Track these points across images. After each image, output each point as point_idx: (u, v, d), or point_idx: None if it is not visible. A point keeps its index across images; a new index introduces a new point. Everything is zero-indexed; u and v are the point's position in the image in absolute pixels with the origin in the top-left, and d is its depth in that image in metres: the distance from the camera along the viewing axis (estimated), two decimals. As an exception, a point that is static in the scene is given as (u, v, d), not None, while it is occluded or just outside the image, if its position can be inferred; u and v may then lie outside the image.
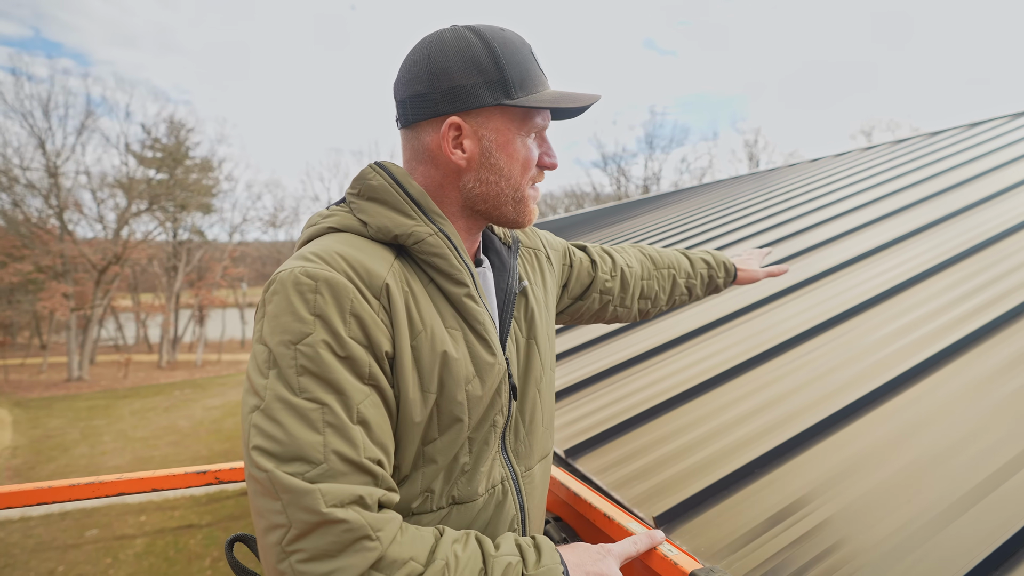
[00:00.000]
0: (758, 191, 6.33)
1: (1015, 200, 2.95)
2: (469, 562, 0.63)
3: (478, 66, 0.73)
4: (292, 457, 0.58)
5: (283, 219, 33.57)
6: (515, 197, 0.78)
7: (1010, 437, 1.16)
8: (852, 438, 1.30)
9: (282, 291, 0.65)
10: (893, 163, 5.16)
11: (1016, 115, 5.74)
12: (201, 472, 1.20)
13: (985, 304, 1.83)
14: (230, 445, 11.89)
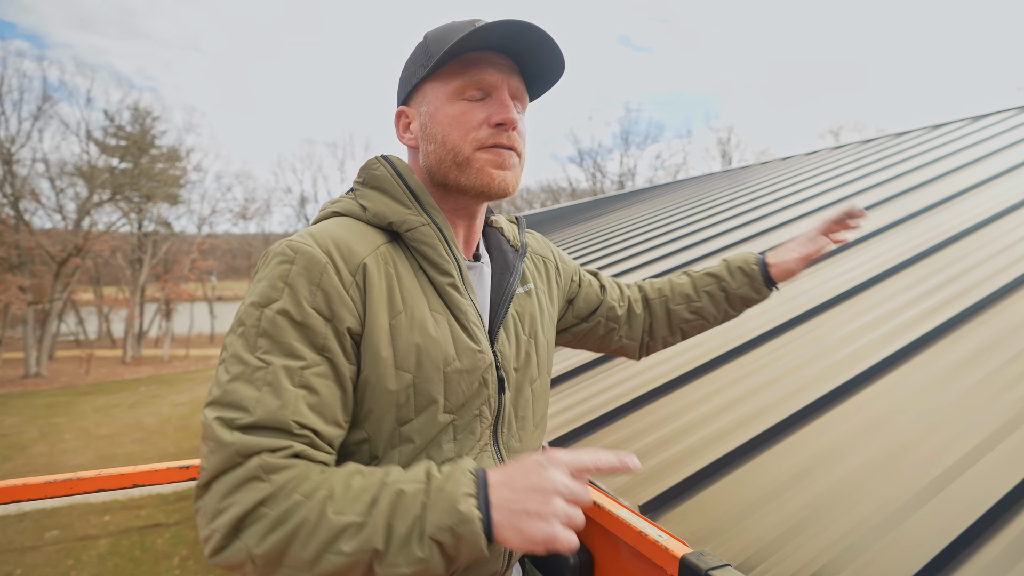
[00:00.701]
0: (731, 188, 6.43)
1: (973, 201, 3.05)
2: (363, 491, 0.61)
3: (414, 59, 0.83)
4: (228, 405, 0.64)
5: (254, 211, 32.85)
6: (455, 161, 0.79)
7: (968, 430, 1.20)
8: (822, 431, 1.33)
9: (267, 260, 0.72)
10: (860, 163, 5.29)
11: (976, 118, 5.94)
12: (184, 467, 1.16)
13: (944, 302, 1.88)
14: (199, 442, 11.61)
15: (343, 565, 0.59)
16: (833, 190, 4.36)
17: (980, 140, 4.67)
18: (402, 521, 0.59)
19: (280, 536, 0.59)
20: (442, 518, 0.58)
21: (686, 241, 4.15)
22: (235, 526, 0.59)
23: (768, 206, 4.49)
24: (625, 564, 0.92)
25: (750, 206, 4.76)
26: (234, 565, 0.60)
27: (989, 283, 1.95)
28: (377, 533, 0.58)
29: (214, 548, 0.60)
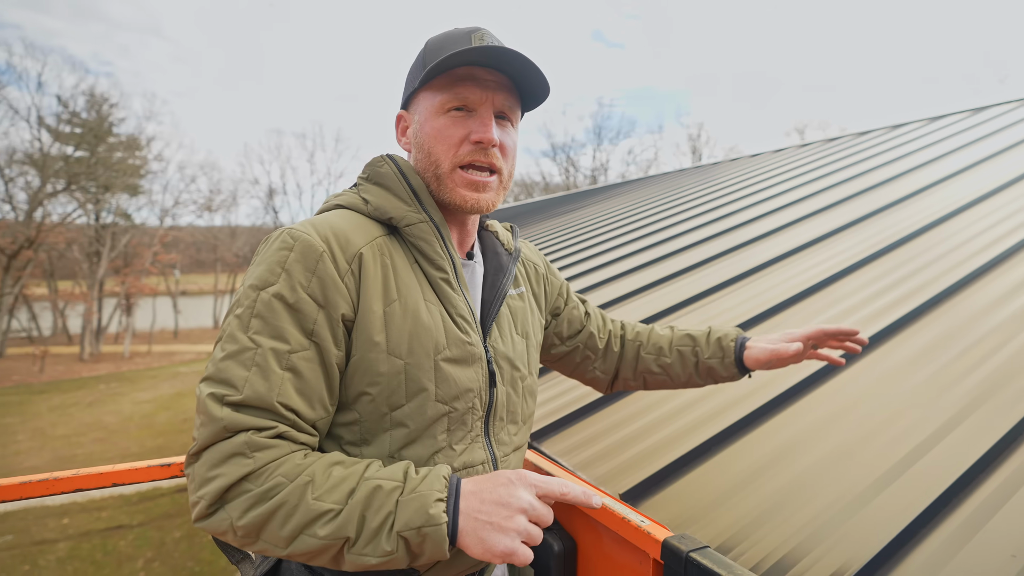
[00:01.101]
0: (703, 185, 6.55)
1: (928, 200, 3.19)
2: (342, 482, 0.65)
3: (414, 67, 0.86)
4: (220, 382, 0.67)
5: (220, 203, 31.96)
6: (436, 174, 0.83)
7: (924, 420, 1.27)
8: (789, 421, 1.39)
9: (268, 246, 0.75)
10: (825, 161, 5.46)
11: (932, 119, 6.19)
12: (165, 465, 1.15)
13: (901, 298, 1.98)
14: (164, 440, 11.32)
15: (315, 547, 0.63)
16: (800, 187, 4.49)
17: (936, 141, 4.88)
18: (375, 515, 0.63)
19: (260, 512, 0.63)
20: (412, 518, 0.62)
21: (659, 236, 4.22)
22: (220, 496, 0.64)
23: (738, 202, 4.60)
24: (607, 550, 0.95)
25: (721, 202, 4.86)
26: (218, 532, 0.65)
27: (943, 279, 2.05)
28: (351, 523, 0.63)
29: (200, 513, 0.65)
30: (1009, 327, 1.62)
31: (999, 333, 1.60)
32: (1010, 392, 1.31)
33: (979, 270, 2.06)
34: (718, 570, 0.71)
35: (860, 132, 6.86)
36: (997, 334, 1.60)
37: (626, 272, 3.41)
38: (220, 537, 0.67)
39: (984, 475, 1.08)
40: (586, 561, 1.00)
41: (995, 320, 1.69)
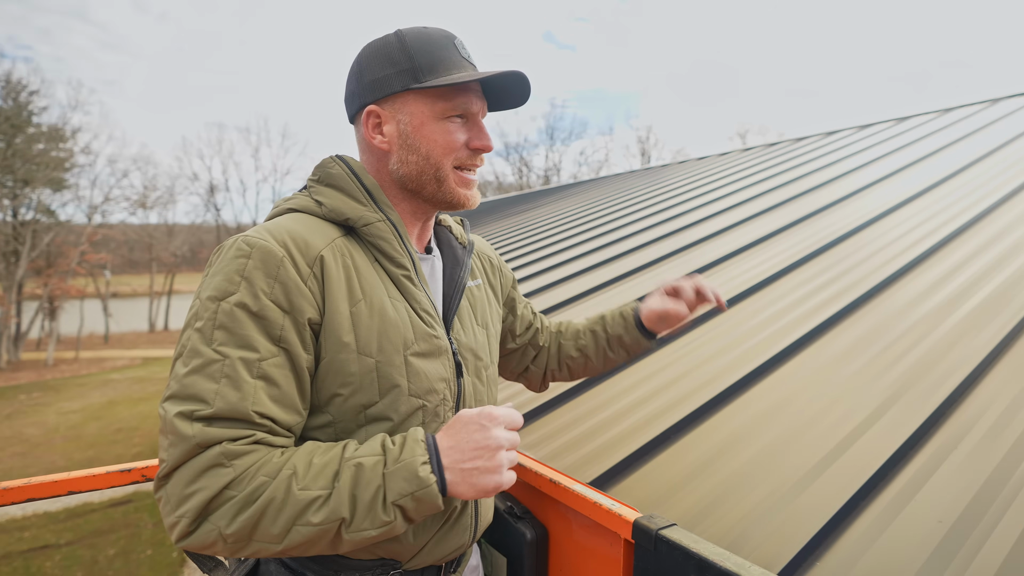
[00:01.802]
0: (651, 186, 6.77)
1: (856, 204, 3.44)
2: (324, 467, 0.66)
3: (390, 59, 0.82)
4: (188, 398, 0.66)
5: (155, 200, 30.28)
6: (436, 176, 0.84)
7: (855, 409, 1.39)
8: (736, 413, 1.49)
9: (223, 255, 0.73)
10: (766, 165, 5.76)
11: (862, 127, 6.64)
12: (125, 470, 1.11)
13: (833, 296, 2.13)
14: (94, 452, 10.65)
15: (311, 535, 0.64)
16: (743, 190, 4.73)
17: (865, 148, 5.24)
18: (365, 491, 0.65)
19: (250, 515, 0.63)
20: (403, 486, 0.66)
21: (610, 237, 4.34)
22: (202, 510, 0.63)
23: (686, 204, 4.80)
24: (578, 536, 1.00)
25: (670, 204, 5.05)
26: (204, 545, 0.64)
27: (871, 278, 2.22)
28: (343, 504, 0.64)
29: (182, 532, 0.63)
30: (928, 322, 1.79)
31: (920, 327, 1.77)
32: (929, 381, 1.46)
33: (902, 269, 2.25)
34: (686, 543, 0.77)
35: (797, 138, 7.27)
36: (918, 328, 1.76)
37: (579, 272, 3.49)
38: (206, 550, 0.65)
39: (910, 455, 1.21)
40: (557, 547, 1.05)
41: (916, 315, 1.85)
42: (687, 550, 0.76)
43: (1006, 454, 1.15)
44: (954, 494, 1.06)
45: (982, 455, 1.16)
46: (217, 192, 35.95)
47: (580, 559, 1.00)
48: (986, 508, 1.01)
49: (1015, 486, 1.05)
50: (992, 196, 2.89)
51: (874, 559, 0.95)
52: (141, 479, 1.10)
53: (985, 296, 1.87)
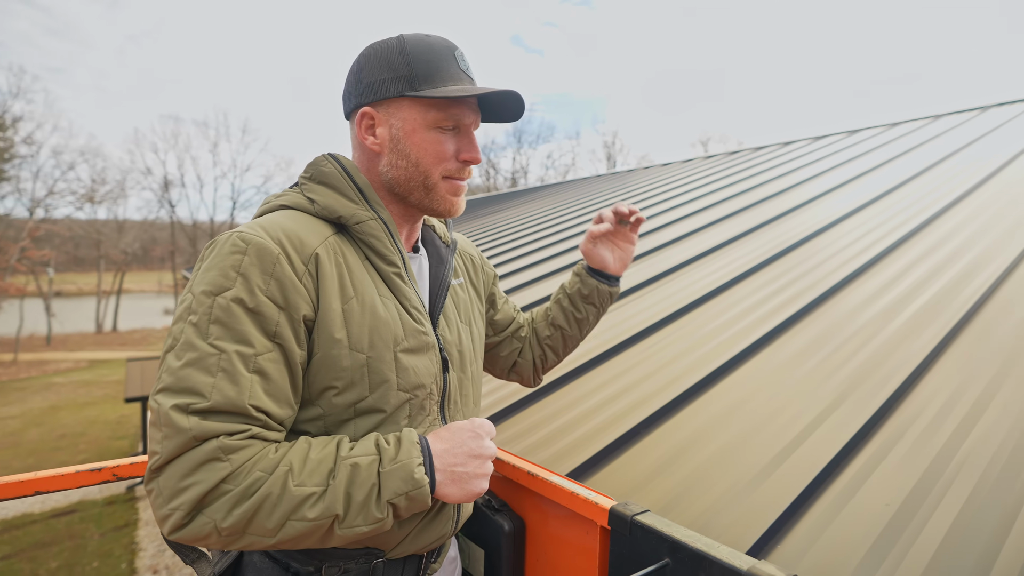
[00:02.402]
0: (617, 190, 6.91)
1: (810, 213, 3.62)
2: (320, 464, 0.68)
3: (389, 64, 0.84)
4: (183, 391, 0.66)
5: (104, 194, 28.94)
6: (424, 184, 0.86)
7: (807, 407, 1.48)
8: (698, 412, 1.56)
9: (217, 250, 0.73)
10: (727, 172, 5.97)
11: (817, 138, 6.95)
12: (95, 469, 1.08)
13: (788, 300, 2.25)
14: (35, 460, 10.11)
15: (304, 530, 0.66)
16: (705, 196, 4.89)
17: (820, 158, 5.50)
18: (360, 489, 0.68)
19: (245, 509, 0.64)
20: (399, 486, 0.69)
21: (577, 240, 4.42)
22: (197, 504, 0.64)
23: (651, 209, 4.93)
24: (554, 526, 1.05)
25: (637, 207, 5.15)
26: (196, 538, 0.65)
27: (822, 284, 2.35)
28: (338, 501, 0.66)
29: (175, 524, 0.64)
30: (874, 325, 1.91)
31: (866, 330, 1.88)
32: (875, 380, 1.56)
33: (850, 276, 2.39)
34: (659, 528, 0.82)
35: (757, 147, 7.55)
36: (864, 331, 1.88)
37: (545, 276, 3.53)
38: (198, 543, 0.66)
39: (859, 446, 1.30)
40: (534, 538, 1.09)
41: (863, 319, 1.98)
42: (661, 533, 0.81)
43: (944, 444, 1.25)
44: (899, 480, 1.15)
45: (923, 446, 1.26)
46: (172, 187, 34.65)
47: (557, 548, 1.04)
48: (928, 491, 1.11)
49: (952, 472, 1.16)
50: (933, 207, 3.09)
51: (831, 537, 1.03)
52: (112, 478, 1.08)
53: (925, 301, 2.01)
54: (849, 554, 0.98)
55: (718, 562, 0.74)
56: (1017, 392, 1.40)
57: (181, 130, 49.92)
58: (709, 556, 0.76)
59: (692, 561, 0.78)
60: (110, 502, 10.11)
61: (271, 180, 48.88)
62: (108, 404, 16.47)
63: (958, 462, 1.19)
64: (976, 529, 0.99)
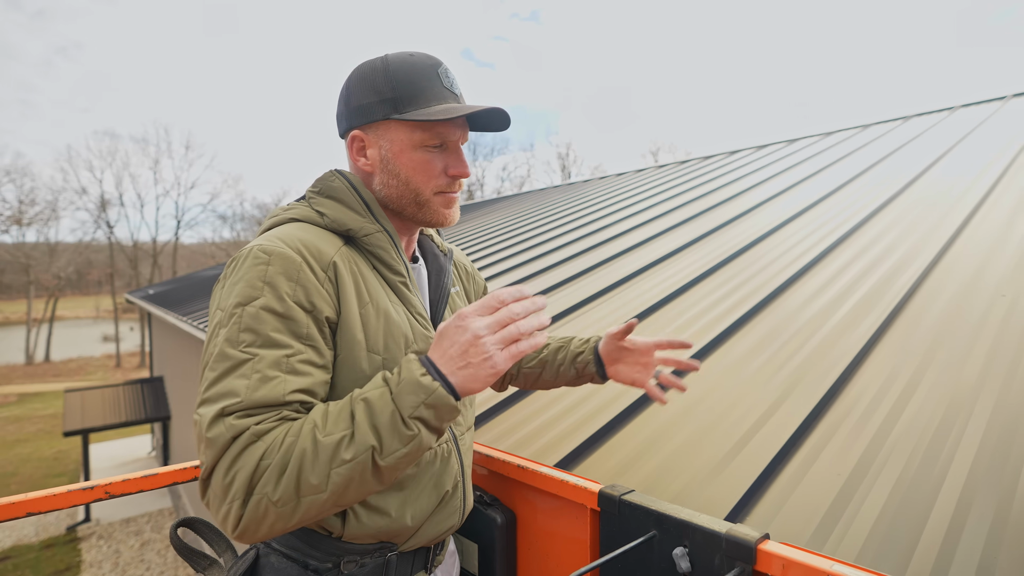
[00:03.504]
0: (572, 201, 7.10)
1: (755, 218, 3.86)
2: (339, 412, 0.70)
3: (375, 87, 0.88)
4: (220, 397, 0.69)
5: (34, 216, 27.20)
6: (416, 200, 0.91)
7: (758, 401, 1.62)
8: (659, 411, 1.67)
9: (240, 264, 0.77)
10: (678, 181, 6.24)
11: (760, 147, 7.36)
12: (88, 488, 1.08)
13: (735, 304, 2.40)
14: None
15: (350, 472, 0.68)
16: (658, 205, 5.11)
17: (763, 166, 5.83)
18: (382, 417, 0.69)
19: (289, 473, 0.67)
20: (412, 399, 0.69)
21: (533, 252, 4.51)
22: (247, 488, 0.66)
23: (606, 219, 5.10)
24: (544, 514, 1.12)
25: (591, 218, 5.34)
26: (258, 519, 0.67)
27: (767, 287, 2.52)
28: (367, 434, 0.68)
29: (236, 517, 0.67)
30: (815, 322, 2.08)
31: (808, 327, 2.05)
32: (817, 373, 1.72)
33: (792, 277, 2.58)
34: (645, 504, 0.91)
35: (705, 156, 7.93)
36: (807, 328, 2.05)
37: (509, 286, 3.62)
38: (264, 528, 0.67)
39: (809, 429, 1.44)
40: (525, 528, 1.16)
41: (805, 317, 2.15)
42: (647, 508, 0.90)
43: (882, 423, 1.41)
44: (847, 454, 1.30)
45: (864, 424, 1.41)
46: (110, 207, 32.96)
47: (548, 536, 1.11)
48: (871, 461, 1.26)
49: (891, 444, 1.31)
50: (864, 211, 3.37)
51: (795, 502, 1.17)
52: (105, 496, 1.08)
53: (860, 297, 2.20)
54: (811, 515, 1.12)
55: (700, 528, 0.83)
56: (942, 374, 1.58)
57: (118, 147, 47.54)
58: (692, 524, 0.85)
59: (676, 530, 0.87)
60: (47, 545, 9.47)
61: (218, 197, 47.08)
62: (43, 440, 15.42)
63: (895, 437, 1.34)
64: (917, 487, 1.14)
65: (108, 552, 8.87)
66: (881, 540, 1.04)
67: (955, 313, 1.91)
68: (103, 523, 9.88)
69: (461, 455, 0.97)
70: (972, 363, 1.60)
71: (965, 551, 0.97)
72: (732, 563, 0.79)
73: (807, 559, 0.75)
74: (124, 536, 9.36)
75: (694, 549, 0.84)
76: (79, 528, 9.82)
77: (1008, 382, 1.48)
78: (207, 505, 0.69)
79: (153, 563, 8.40)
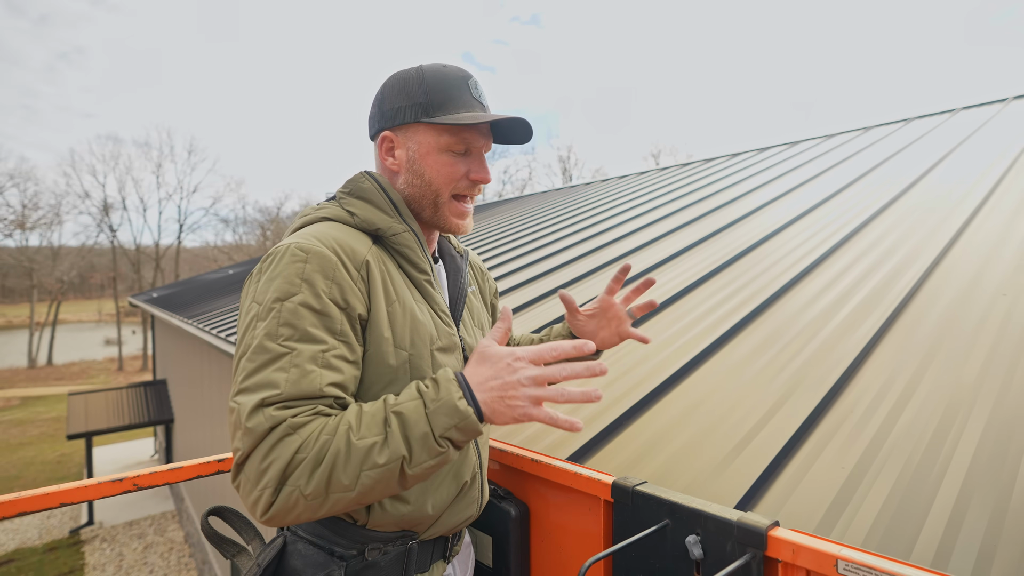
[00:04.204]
0: (574, 204, 7.14)
1: (757, 221, 3.89)
2: (373, 417, 0.74)
3: (408, 92, 0.93)
4: (259, 388, 0.73)
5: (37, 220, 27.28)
6: (434, 201, 0.95)
7: (759, 403, 1.65)
8: (666, 408, 1.70)
9: (278, 260, 0.80)
10: (680, 183, 6.28)
11: (761, 149, 7.40)
12: (117, 480, 1.11)
13: (737, 306, 2.43)
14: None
15: (379, 476, 0.72)
16: (661, 207, 5.15)
17: (765, 168, 5.87)
18: (414, 431, 0.72)
19: (322, 471, 0.70)
20: (446, 421, 0.73)
21: (537, 255, 4.54)
22: (280, 478, 0.70)
23: (609, 221, 5.14)
24: (556, 509, 1.16)
25: (594, 220, 5.38)
26: (287, 509, 0.71)
27: (768, 289, 2.55)
28: (399, 445, 0.72)
29: (266, 503, 0.70)
30: (815, 324, 2.11)
31: (809, 329, 2.08)
32: (819, 373, 1.74)
33: (794, 279, 2.61)
34: (658, 494, 0.94)
35: (707, 159, 7.96)
36: (808, 330, 2.07)
37: (506, 291, 3.62)
38: (290, 516, 0.71)
39: (809, 431, 1.47)
40: (538, 521, 1.19)
41: (805, 319, 2.17)
42: (660, 499, 0.94)
43: (884, 420, 1.44)
44: (850, 450, 1.33)
45: (867, 422, 1.44)
46: (112, 211, 33.06)
47: (561, 528, 1.14)
48: (874, 456, 1.29)
49: (893, 441, 1.35)
50: (865, 213, 3.40)
51: (801, 494, 1.20)
52: (133, 488, 1.12)
53: (860, 299, 2.24)
54: (816, 506, 1.16)
55: (712, 516, 0.87)
56: (940, 376, 1.61)
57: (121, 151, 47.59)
58: (704, 512, 0.88)
59: (689, 519, 0.90)
60: (51, 548, 9.49)
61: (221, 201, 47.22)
62: (46, 443, 15.44)
63: (898, 430, 1.38)
64: (919, 480, 1.18)
65: (111, 555, 8.89)
66: (887, 528, 1.07)
67: (954, 315, 1.95)
68: (106, 526, 9.90)
69: (479, 448, 1.01)
70: (971, 364, 1.63)
71: (966, 539, 1.00)
72: (744, 549, 0.83)
73: (816, 544, 0.78)
74: (127, 539, 9.37)
75: (706, 537, 0.88)
76: (82, 531, 9.83)
77: (1007, 382, 1.51)
78: (238, 488, 0.72)
79: (156, 566, 8.42)
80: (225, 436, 6.53)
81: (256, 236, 39.30)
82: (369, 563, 0.88)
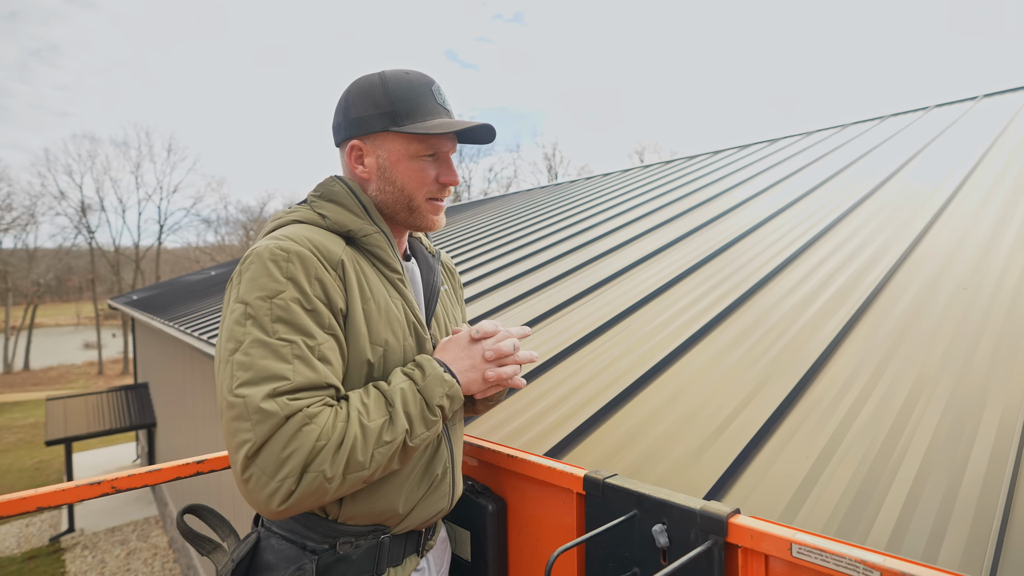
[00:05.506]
0: (559, 201, 7.19)
1: (736, 218, 3.96)
2: (376, 400, 0.84)
3: (374, 101, 0.95)
4: (265, 379, 0.75)
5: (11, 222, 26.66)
6: (408, 205, 0.99)
7: (736, 392, 1.70)
8: (646, 400, 1.75)
9: (259, 261, 0.83)
10: (664, 180, 6.35)
11: (742, 147, 7.50)
12: (96, 483, 1.12)
13: (718, 298, 2.49)
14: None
15: (389, 451, 0.81)
16: (643, 204, 5.21)
17: (745, 165, 5.96)
18: (414, 406, 0.85)
19: (343, 454, 0.77)
20: (438, 390, 0.88)
21: (519, 253, 4.57)
22: (303, 467, 0.74)
23: (592, 218, 5.18)
24: (532, 503, 1.19)
25: (577, 218, 5.42)
26: (308, 494, 0.75)
27: (746, 283, 2.62)
28: (401, 419, 0.82)
29: (286, 493, 0.73)
30: (790, 317, 2.17)
31: (783, 322, 2.14)
32: (791, 364, 1.80)
33: (771, 274, 2.67)
34: (627, 486, 0.98)
35: (689, 156, 8.06)
36: (782, 322, 2.13)
37: (490, 288, 3.64)
38: (307, 500, 0.75)
39: (779, 421, 1.52)
40: (515, 514, 1.22)
41: (780, 312, 2.24)
42: (629, 490, 0.97)
43: (848, 409, 1.49)
44: (816, 438, 1.39)
45: (833, 411, 1.49)
46: (90, 212, 32.43)
47: (537, 521, 1.18)
48: (838, 444, 1.34)
49: (857, 428, 1.40)
50: (839, 210, 3.48)
51: (768, 482, 1.25)
52: (111, 490, 1.13)
53: (832, 293, 2.30)
54: (782, 493, 1.21)
55: (677, 506, 0.91)
56: (903, 366, 1.67)
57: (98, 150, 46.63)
58: (669, 502, 0.92)
59: (656, 508, 0.94)
60: (30, 556, 9.32)
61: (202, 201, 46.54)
62: (23, 450, 15.13)
63: (862, 418, 1.43)
64: (879, 466, 1.23)
65: (93, 562, 8.76)
66: (845, 513, 1.12)
67: (919, 307, 2.02)
68: (87, 533, 9.75)
69: (451, 444, 1.04)
70: (933, 354, 1.69)
71: (920, 520, 1.06)
72: (706, 536, 0.87)
73: (773, 529, 0.82)
74: (109, 546, 9.24)
75: (672, 526, 0.92)
76: (63, 538, 9.67)
77: (964, 370, 1.57)
78: (247, 482, 0.74)
79: (139, 572, 8.31)
80: (209, 438, 6.47)
81: (239, 236, 38.81)
82: (340, 557, 0.90)
